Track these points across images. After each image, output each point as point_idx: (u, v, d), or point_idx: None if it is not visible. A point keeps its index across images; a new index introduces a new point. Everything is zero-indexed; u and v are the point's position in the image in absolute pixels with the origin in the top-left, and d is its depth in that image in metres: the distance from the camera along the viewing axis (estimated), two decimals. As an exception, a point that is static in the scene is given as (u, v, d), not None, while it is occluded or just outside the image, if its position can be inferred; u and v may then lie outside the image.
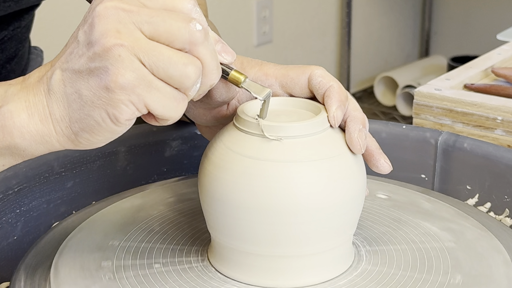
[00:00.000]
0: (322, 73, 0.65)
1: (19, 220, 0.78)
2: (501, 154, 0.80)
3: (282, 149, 0.60)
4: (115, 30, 0.52)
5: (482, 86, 1.06)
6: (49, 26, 1.90)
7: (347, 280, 0.63)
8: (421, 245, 0.67)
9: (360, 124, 0.63)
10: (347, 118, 0.64)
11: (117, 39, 0.52)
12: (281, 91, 0.67)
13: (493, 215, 0.80)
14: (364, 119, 0.64)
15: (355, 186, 0.62)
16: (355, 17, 2.86)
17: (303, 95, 0.67)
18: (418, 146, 0.86)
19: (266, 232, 0.60)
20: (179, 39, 0.53)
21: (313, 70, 0.66)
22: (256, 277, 0.62)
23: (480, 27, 3.00)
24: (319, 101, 0.65)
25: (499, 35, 1.37)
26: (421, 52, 3.20)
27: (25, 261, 0.68)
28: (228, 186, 0.60)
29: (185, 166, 0.89)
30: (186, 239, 0.69)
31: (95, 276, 0.63)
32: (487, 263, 0.65)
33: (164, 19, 0.53)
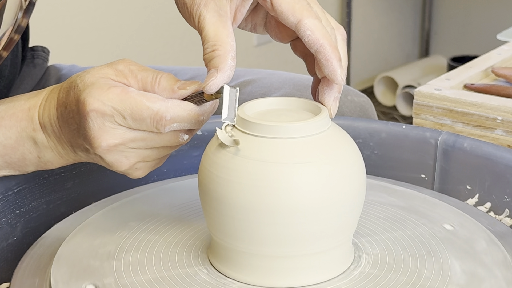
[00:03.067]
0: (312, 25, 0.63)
1: (19, 221, 0.78)
2: (501, 154, 0.80)
3: (282, 149, 0.60)
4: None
5: (482, 86, 1.06)
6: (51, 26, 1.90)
7: (347, 280, 0.63)
8: (421, 245, 0.67)
9: (336, 92, 0.65)
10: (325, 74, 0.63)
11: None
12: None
13: (493, 215, 0.80)
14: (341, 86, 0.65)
15: (355, 186, 0.62)
16: (355, 17, 2.86)
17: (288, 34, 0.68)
18: (418, 146, 0.86)
19: (266, 232, 0.60)
20: None
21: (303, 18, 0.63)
22: (256, 276, 0.62)
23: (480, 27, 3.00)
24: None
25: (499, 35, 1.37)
26: (421, 52, 3.20)
27: (25, 262, 0.67)
28: (228, 187, 0.60)
29: (185, 166, 0.89)
30: (186, 240, 0.69)
31: (95, 277, 0.63)
32: (487, 262, 0.65)
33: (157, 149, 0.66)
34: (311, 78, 0.69)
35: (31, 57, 1.08)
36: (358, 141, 0.87)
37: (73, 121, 0.65)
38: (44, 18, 1.88)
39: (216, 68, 0.62)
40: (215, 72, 0.62)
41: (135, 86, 0.64)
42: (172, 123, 0.62)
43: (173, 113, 0.62)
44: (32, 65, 1.08)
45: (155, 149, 0.65)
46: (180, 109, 0.63)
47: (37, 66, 1.08)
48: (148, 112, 0.62)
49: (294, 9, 0.63)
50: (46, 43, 1.17)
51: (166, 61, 2.22)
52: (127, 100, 0.62)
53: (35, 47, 1.09)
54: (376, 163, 0.88)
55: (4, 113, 0.70)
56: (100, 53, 2.08)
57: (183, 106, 0.63)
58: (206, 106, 0.64)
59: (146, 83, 0.64)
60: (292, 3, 0.63)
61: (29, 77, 1.07)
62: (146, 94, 0.63)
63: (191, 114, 0.63)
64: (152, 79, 0.64)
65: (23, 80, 1.07)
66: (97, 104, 0.62)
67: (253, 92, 1.01)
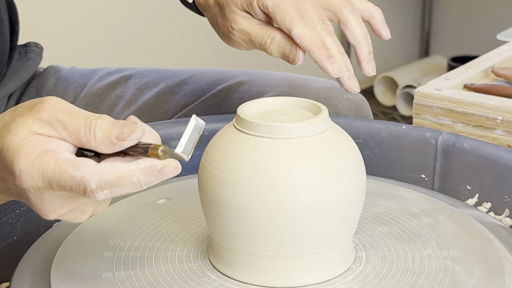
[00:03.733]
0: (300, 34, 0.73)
1: (19, 221, 0.78)
2: (501, 154, 0.80)
3: (282, 149, 0.60)
4: None
5: (482, 86, 1.06)
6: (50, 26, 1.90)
7: (347, 280, 0.63)
8: (421, 244, 0.67)
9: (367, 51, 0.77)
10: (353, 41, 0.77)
11: None
12: None
13: (493, 215, 0.80)
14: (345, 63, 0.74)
15: (355, 186, 0.62)
16: (355, 17, 2.85)
17: None
18: (418, 146, 0.86)
19: (266, 232, 0.60)
20: None
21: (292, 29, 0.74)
22: (257, 276, 0.62)
23: (480, 27, 3.00)
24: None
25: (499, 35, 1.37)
26: (421, 52, 3.20)
27: (25, 261, 0.67)
28: (228, 187, 0.60)
29: (185, 166, 0.89)
30: (186, 239, 0.69)
31: (95, 276, 0.63)
32: (487, 262, 0.65)
33: None
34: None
35: (24, 52, 1.08)
36: (358, 141, 0.87)
37: (8, 187, 0.58)
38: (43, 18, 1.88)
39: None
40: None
41: (68, 138, 0.56)
42: (101, 191, 0.54)
43: (98, 180, 0.54)
44: (25, 58, 1.08)
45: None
46: (107, 173, 0.55)
47: (30, 59, 1.08)
48: (71, 182, 0.54)
49: (285, 21, 0.73)
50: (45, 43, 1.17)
51: (166, 61, 2.22)
52: (52, 171, 0.55)
53: (28, 43, 1.09)
54: (376, 163, 0.88)
55: None
56: (100, 53, 2.08)
57: (110, 169, 0.55)
58: (142, 163, 0.55)
59: (80, 135, 0.56)
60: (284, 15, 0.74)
61: (22, 69, 1.07)
62: (73, 160, 0.55)
63: (120, 176, 0.55)
64: (85, 131, 0.56)
65: (16, 71, 1.06)
66: (29, 179, 0.55)
67: (249, 91, 1.01)
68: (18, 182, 0.56)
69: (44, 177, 0.55)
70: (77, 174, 0.54)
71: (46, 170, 0.55)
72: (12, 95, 1.08)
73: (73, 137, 0.56)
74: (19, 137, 0.56)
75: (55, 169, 0.55)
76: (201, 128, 0.57)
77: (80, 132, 0.56)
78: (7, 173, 0.57)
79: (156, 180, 0.55)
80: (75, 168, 0.54)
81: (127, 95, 1.08)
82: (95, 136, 0.56)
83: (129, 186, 0.55)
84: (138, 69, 1.12)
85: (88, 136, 0.56)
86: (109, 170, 0.54)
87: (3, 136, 0.57)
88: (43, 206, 0.56)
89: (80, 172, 0.54)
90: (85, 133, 0.56)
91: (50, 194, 0.56)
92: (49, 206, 0.56)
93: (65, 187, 0.55)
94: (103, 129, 0.56)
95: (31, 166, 0.55)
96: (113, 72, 1.12)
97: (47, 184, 0.55)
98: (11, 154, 0.56)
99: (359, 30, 0.77)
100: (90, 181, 0.54)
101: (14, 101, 1.08)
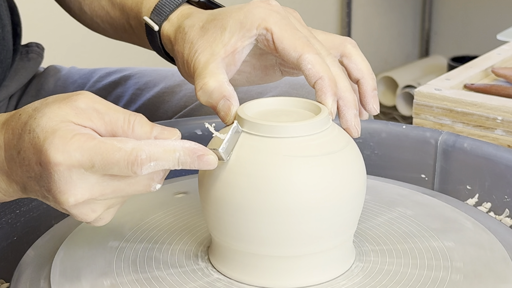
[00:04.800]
0: (313, 59, 0.65)
1: (19, 221, 0.78)
2: (501, 154, 0.80)
3: (282, 149, 0.60)
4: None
5: (482, 86, 1.06)
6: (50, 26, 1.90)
7: (348, 280, 0.63)
8: (421, 244, 0.67)
9: (353, 108, 0.66)
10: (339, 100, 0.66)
11: None
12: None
13: (493, 215, 0.80)
14: (355, 100, 0.66)
15: (355, 186, 0.62)
16: (355, 17, 2.86)
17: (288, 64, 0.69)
18: (418, 146, 0.86)
19: (267, 232, 0.60)
20: None
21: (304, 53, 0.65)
22: (256, 277, 0.62)
23: (480, 27, 3.00)
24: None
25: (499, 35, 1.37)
26: (421, 52, 3.20)
27: (25, 261, 0.67)
28: (228, 186, 0.60)
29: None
30: (186, 239, 0.69)
31: (96, 276, 0.63)
32: (486, 261, 0.65)
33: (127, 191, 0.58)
34: None
35: (26, 52, 1.08)
36: (358, 141, 0.87)
37: (30, 169, 0.57)
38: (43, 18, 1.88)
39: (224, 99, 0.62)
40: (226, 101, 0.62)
41: (101, 129, 0.57)
42: (149, 162, 0.55)
43: (148, 151, 0.55)
44: (26, 59, 1.08)
45: (120, 198, 0.59)
46: (156, 146, 0.56)
47: (32, 60, 1.09)
48: (120, 154, 0.54)
49: (295, 45, 0.65)
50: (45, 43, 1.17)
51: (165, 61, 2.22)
52: (95, 146, 0.55)
53: (29, 44, 1.09)
54: (376, 163, 0.88)
55: None
56: (100, 53, 2.08)
57: (157, 143, 0.56)
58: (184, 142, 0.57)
59: (117, 127, 0.57)
60: (293, 40, 0.65)
61: (24, 69, 1.07)
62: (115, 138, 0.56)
63: (167, 150, 0.56)
64: (123, 123, 0.57)
65: (18, 72, 1.06)
66: (62, 157, 0.54)
67: (250, 91, 1.01)
68: (45, 160, 0.55)
69: (84, 153, 0.54)
70: (126, 146, 0.55)
71: (87, 147, 0.54)
72: (12, 96, 1.08)
73: (108, 129, 0.57)
74: (54, 121, 0.56)
75: (99, 145, 0.55)
76: (239, 134, 0.60)
77: (118, 124, 0.57)
78: (32, 152, 0.56)
79: (192, 163, 0.57)
80: (122, 141, 0.55)
81: (127, 95, 1.08)
82: (133, 129, 0.57)
83: (172, 161, 0.56)
84: (138, 69, 1.12)
85: (126, 129, 0.57)
86: (156, 144, 0.56)
87: (36, 117, 0.56)
88: (66, 187, 0.55)
89: (130, 144, 0.55)
90: (122, 125, 0.57)
91: (79, 174, 0.55)
92: (72, 188, 0.55)
93: (112, 160, 0.54)
94: (142, 125, 0.57)
95: (67, 144, 0.54)
96: (113, 72, 1.12)
97: (86, 160, 0.54)
98: (44, 134, 0.55)
99: (365, 64, 0.71)
100: (142, 151, 0.54)
101: (15, 101, 1.08)
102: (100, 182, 0.56)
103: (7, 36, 0.99)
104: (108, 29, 0.91)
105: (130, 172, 0.55)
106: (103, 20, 0.90)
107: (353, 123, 0.66)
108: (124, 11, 0.85)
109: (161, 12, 0.76)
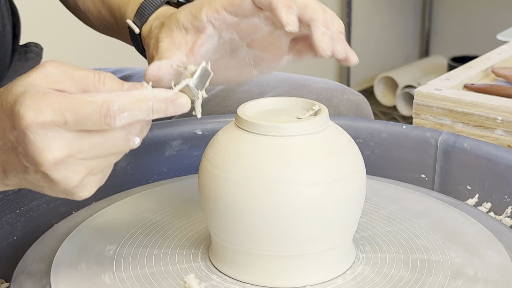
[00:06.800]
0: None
1: (19, 220, 0.78)
2: (501, 154, 0.80)
3: (282, 149, 0.60)
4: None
5: (482, 86, 1.06)
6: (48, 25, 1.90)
7: (347, 280, 0.63)
8: (421, 244, 0.67)
9: (322, 26, 0.62)
10: (310, 22, 0.63)
11: None
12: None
13: (493, 215, 0.80)
14: (325, 19, 0.63)
15: (355, 186, 0.62)
16: (355, 17, 2.86)
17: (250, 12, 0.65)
18: (418, 146, 0.86)
19: (267, 232, 0.60)
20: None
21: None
22: (257, 276, 0.62)
23: (480, 27, 3.00)
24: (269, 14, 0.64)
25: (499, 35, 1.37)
26: (421, 52, 3.20)
27: (25, 261, 0.67)
28: (228, 186, 0.60)
29: (185, 166, 0.89)
30: (186, 239, 0.69)
31: (95, 276, 0.63)
32: (486, 261, 0.65)
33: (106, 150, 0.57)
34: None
35: (24, 52, 1.08)
36: (358, 141, 0.87)
37: (6, 140, 0.56)
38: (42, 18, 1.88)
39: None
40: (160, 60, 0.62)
41: (72, 88, 0.57)
42: (122, 113, 0.55)
43: (120, 102, 0.55)
44: (25, 59, 1.08)
45: (101, 158, 0.57)
46: (127, 96, 0.56)
47: (30, 60, 1.08)
48: (92, 107, 0.54)
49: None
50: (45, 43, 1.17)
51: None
52: (66, 101, 0.55)
53: (27, 44, 1.09)
54: (376, 163, 0.88)
55: None
56: (100, 53, 2.08)
57: (129, 94, 0.56)
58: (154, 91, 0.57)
59: (87, 83, 0.57)
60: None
61: (22, 69, 1.07)
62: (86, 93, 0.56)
63: (139, 99, 0.56)
64: (93, 79, 0.57)
65: (16, 72, 1.06)
66: (34, 114, 0.54)
67: (250, 91, 1.01)
68: (18, 121, 0.54)
69: (56, 110, 0.54)
70: (97, 99, 0.54)
71: (58, 103, 0.54)
72: None
73: (79, 87, 0.57)
74: (24, 86, 0.55)
75: (70, 100, 0.54)
76: (209, 76, 0.59)
77: (88, 80, 0.57)
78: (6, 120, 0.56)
79: (166, 109, 0.56)
80: (93, 95, 0.55)
81: (127, 95, 1.08)
82: (104, 84, 0.57)
83: (145, 110, 0.55)
84: (138, 69, 1.12)
85: (97, 83, 0.57)
86: (128, 94, 0.56)
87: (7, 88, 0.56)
88: (43, 145, 0.54)
89: (101, 97, 0.55)
90: (93, 81, 0.57)
91: (54, 131, 0.55)
92: (49, 145, 0.55)
93: (84, 113, 0.54)
94: (113, 80, 0.57)
95: (38, 102, 0.54)
96: (113, 72, 1.12)
97: (58, 116, 0.54)
98: (15, 98, 0.55)
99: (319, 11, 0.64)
100: (113, 102, 0.54)
101: None
102: (77, 138, 0.55)
103: (8, 35, 0.99)
104: (99, 26, 0.92)
105: (104, 124, 0.55)
106: (94, 17, 0.90)
107: (318, 38, 0.61)
108: (112, 11, 0.85)
109: (142, 14, 0.76)
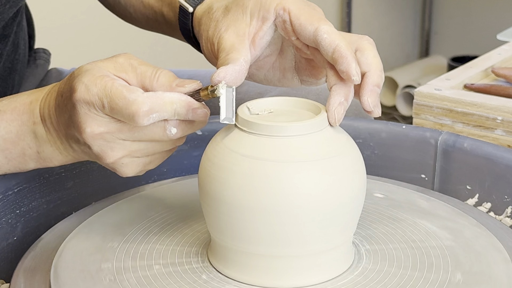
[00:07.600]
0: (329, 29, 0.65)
1: (19, 221, 0.78)
2: (501, 154, 0.80)
3: (282, 149, 0.60)
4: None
5: (482, 86, 1.06)
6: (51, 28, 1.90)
7: (347, 280, 0.63)
8: (420, 244, 0.67)
9: (342, 96, 0.64)
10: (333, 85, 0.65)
11: None
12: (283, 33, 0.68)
13: (493, 215, 0.80)
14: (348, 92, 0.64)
15: (355, 186, 0.62)
16: (355, 17, 2.86)
17: (320, 63, 0.68)
18: (418, 146, 0.86)
19: (267, 232, 0.60)
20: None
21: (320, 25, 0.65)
22: (257, 277, 0.62)
23: (480, 27, 3.00)
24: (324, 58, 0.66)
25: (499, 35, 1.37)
26: (421, 52, 3.20)
27: (25, 262, 0.68)
28: (228, 186, 0.60)
29: (185, 166, 0.89)
30: (186, 240, 0.69)
31: (95, 277, 0.63)
32: (487, 261, 0.65)
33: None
34: None
35: (33, 58, 1.09)
36: (358, 141, 0.87)
37: (66, 109, 0.65)
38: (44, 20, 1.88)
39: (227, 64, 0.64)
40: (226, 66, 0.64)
41: (133, 80, 0.64)
42: (151, 114, 0.62)
43: (150, 104, 0.61)
44: (34, 65, 1.09)
45: (142, 143, 0.65)
46: (157, 98, 0.62)
47: (39, 66, 1.09)
48: (123, 102, 0.61)
49: (312, 19, 0.66)
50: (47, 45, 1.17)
51: (166, 61, 2.22)
52: (109, 89, 0.62)
53: (36, 49, 1.10)
54: (376, 163, 0.88)
55: (6, 107, 0.71)
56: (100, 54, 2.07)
57: (158, 95, 0.62)
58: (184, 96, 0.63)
59: (145, 77, 0.64)
60: (310, 16, 0.67)
61: (32, 76, 1.08)
62: (128, 85, 0.63)
63: (166, 101, 0.62)
64: (151, 74, 0.64)
65: (26, 79, 1.07)
66: (84, 90, 0.63)
67: (249, 91, 1.01)
68: (74, 94, 0.63)
69: (99, 93, 0.62)
70: (130, 96, 0.61)
71: (103, 87, 0.62)
72: None
73: (139, 79, 0.64)
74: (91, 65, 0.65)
75: (112, 88, 0.62)
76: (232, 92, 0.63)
77: (146, 75, 0.64)
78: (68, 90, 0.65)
79: (186, 115, 0.63)
80: (130, 91, 0.62)
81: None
82: (158, 79, 0.64)
83: (170, 111, 0.62)
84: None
85: (152, 78, 0.64)
86: (158, 96, 0.62)
87: (81, 66, 0.65)
88: (84, 119, 0.63)
89: (134, 95, 0.62)
90: (150, 76, 0.64)
91: (95, 111, 0.63)
92: (89, 121, 0.63)
93: (115, 107, 0.62)
94: (166, 76, 0.64)
95: (92, 80, 0.63)
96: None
97: (98, 101, 0.62)
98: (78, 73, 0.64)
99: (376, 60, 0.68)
100: (144, 103, 0.61)
101: None
102: (114, 122, 0.63)
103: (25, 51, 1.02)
104: (140, 19, 0.96)
105: (132, 122, 0.62)
106: (136, 10, 0.95)
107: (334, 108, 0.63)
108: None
109: None
